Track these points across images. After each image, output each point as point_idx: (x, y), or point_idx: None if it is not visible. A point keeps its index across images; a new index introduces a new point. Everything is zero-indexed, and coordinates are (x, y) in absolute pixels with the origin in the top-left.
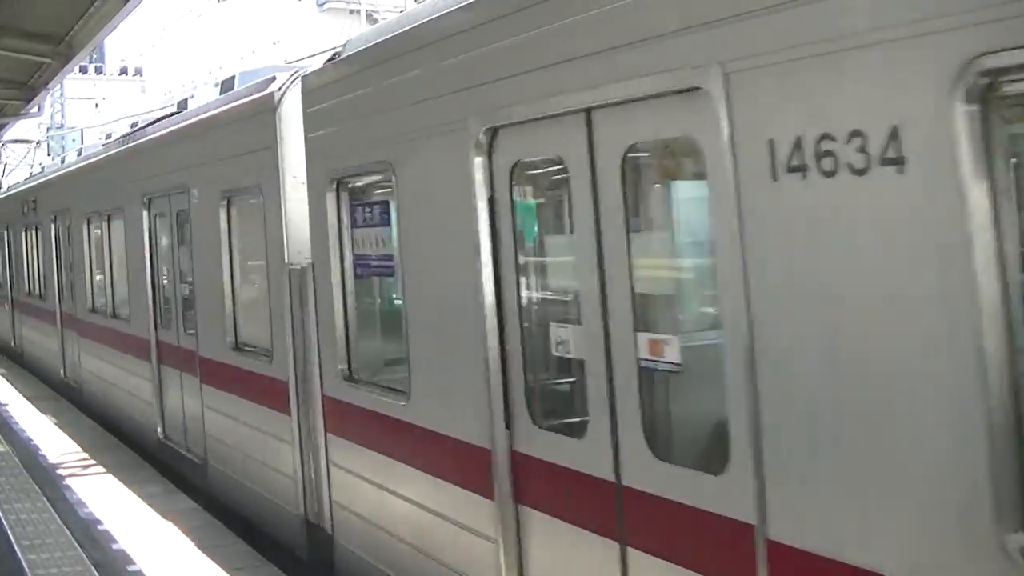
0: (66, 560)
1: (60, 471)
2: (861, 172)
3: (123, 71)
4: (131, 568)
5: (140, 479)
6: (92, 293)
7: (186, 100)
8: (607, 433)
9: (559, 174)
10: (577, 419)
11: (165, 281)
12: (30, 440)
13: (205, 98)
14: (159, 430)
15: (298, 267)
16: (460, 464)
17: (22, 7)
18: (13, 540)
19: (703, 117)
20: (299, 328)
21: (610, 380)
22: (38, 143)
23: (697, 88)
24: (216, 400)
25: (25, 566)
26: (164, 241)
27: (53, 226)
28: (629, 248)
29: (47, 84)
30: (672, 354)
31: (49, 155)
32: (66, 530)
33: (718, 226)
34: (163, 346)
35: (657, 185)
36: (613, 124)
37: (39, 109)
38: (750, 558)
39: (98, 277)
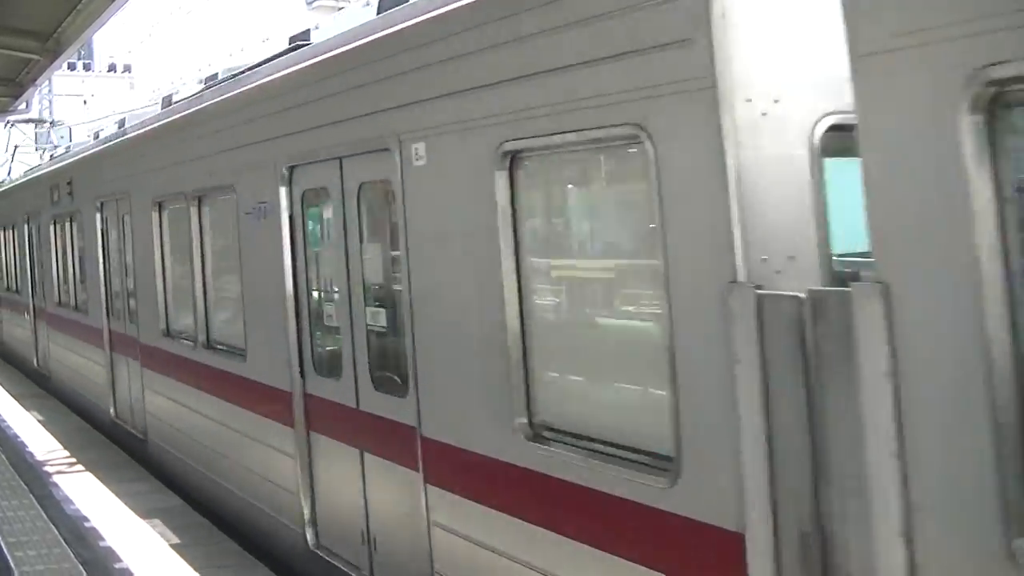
0: (53, 557)
1: (47, 468)
2: None
3: (112, 68)
4: (118, 566)
5: (127, 477)
6: (166, 312)
7: (307, 31)
8: None
9: None
10: None
11: (329, 305)
12: (16, 437)
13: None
14: (366, 556)
15: (795, 294)
16: None
17: (10, 4)
18: (1, 538)
19: None
20: (793, 427)
21: None
22: (52, 123)
23: None
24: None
25: (12, 564)
26: (327, 235)
27: (99, 216)
28: None
29: (35, 81)
30: None
31: (36, 151)
32: (53, 528)
33: None
34: (323, 408)
35: None
36: None
37: (27, 106)
38: None
39: (178, 290)
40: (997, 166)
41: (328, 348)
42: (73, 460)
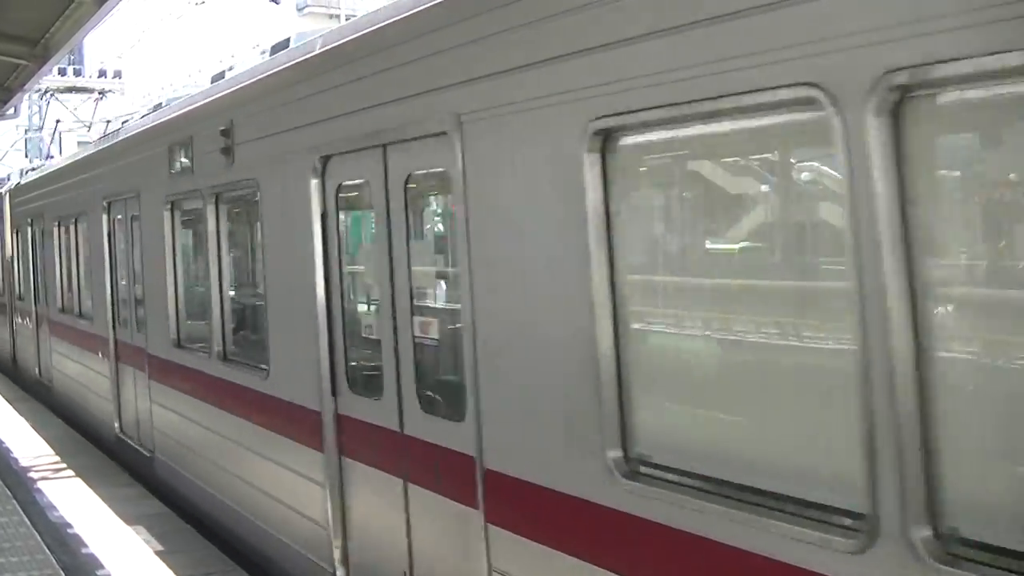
0: (35, 564)
1: (32, 474)
2: None
3: (102, 73)
4: (100, 572)
5: (113, 483)
6: (613, 406)
7: None
8: None
9: None
10: None
11: None
12: (1, 443)
13: None
14: None
15: None
16: None
17: None
18: None
19: None
20: None
21: None
22: (101, 94)
23: None
24: None
25: None
26: None
27: (316, 185)
28: None
29: (23, 86)
30: None
31: (27, 157)
32: (36, 534)
33: None
34: None
35: None
36: None
37: (15, 111)
38: None
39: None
40: None
41: None
42: (60, 466)
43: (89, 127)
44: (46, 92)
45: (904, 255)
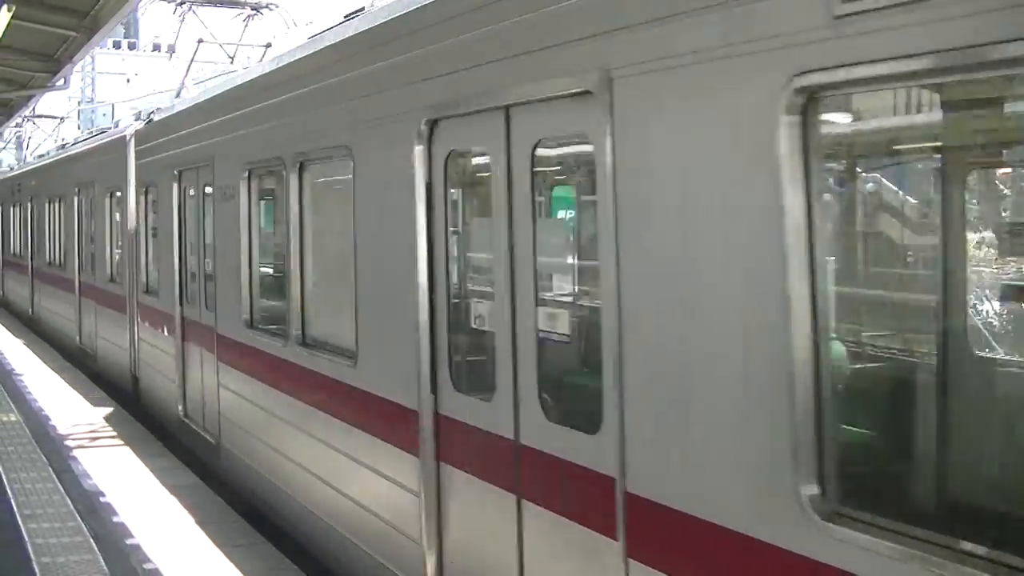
0: (66, 531)
1: (68, 442)
2: None
3: (156, 47)
4: (129, 541)
5: (148, 453)
6: None
7: None
8: None
9: None
10: None
11: None
12: (41, 410)
13: None
14: None
15: None
16: None
17: None
18: (16, 509)
19: None
20: None
21: None
22: (255, 9)
23: None
24: None
25: (25, 535)
26: None
27: None
28: None
29: (72, 57)
30: None
31: (80, 128)
32: (68, 501)
33: None
34: None
35: None
36: None
37: (65, 82)
38: None
39: None
40: None
41: None
42: (96, 435)
43: (232, 57)
44: (183, 3)
45: None
